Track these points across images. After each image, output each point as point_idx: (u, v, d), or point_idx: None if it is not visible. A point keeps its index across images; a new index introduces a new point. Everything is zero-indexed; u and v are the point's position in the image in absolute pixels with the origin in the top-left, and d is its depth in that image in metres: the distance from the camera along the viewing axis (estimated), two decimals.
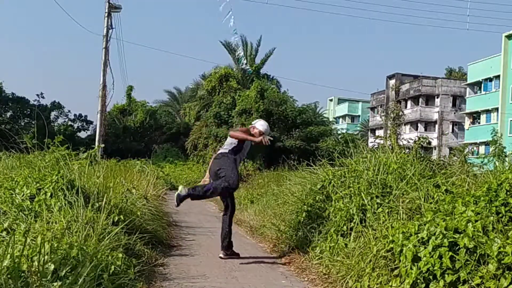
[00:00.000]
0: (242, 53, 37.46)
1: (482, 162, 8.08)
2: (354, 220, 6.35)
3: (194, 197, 6.82)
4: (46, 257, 3.88)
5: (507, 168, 5.87)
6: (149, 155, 26.96)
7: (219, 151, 7.24)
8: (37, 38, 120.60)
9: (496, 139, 17.71)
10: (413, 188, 6.43)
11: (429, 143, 9.20)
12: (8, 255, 3.77)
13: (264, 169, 24.42)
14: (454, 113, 57.06)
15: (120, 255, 5.00)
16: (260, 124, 7.34)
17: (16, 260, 3.76)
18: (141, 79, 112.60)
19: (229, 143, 7.16)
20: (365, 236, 5.87)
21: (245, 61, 37.09)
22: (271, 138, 7.08)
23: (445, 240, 4.13)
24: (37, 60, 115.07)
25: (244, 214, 11.59)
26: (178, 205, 6.71)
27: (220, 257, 6.94)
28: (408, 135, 42.68)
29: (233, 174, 6.76)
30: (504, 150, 16.44)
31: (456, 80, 59.62)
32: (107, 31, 24.25)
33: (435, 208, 5.17)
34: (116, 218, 6.15)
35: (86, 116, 50.98)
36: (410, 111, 58.15)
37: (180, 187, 6.81)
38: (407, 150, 8.56)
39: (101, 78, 23.96)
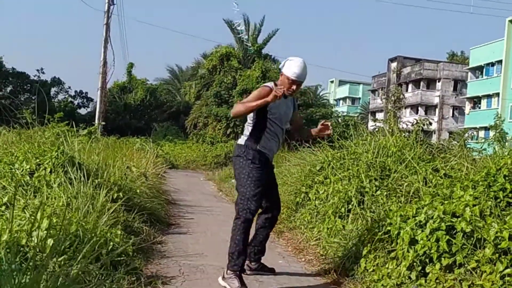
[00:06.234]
0: (243, 27, 37.18)
1: (481, 147, 8.08)
2: (352, 202, 6.38)
3: (240, 255, 4.59)
4: (45, 232, 3.89)
5: (506, 153, 5.88)
6: (149, 133, 26.96)
7: (238, 140, 4.93)
8: (38, 13, 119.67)
9: (498, 123, 17.73)
10: (412, 172, 6.45)
11: (430, 123, 9.18)
12: (7, 230, 3.80)
13: None
14: (455, 97, 56.91)
15: (119, 232, 5.03)
16: (289, 68, 4.64)
17: (15, 235, 3.79)
18: (142, 57, 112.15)
19: (248, 122, 4.83)
20: (363, 218, 5.90)
21: (246, 37, 36.83)
22: (290, 93, 4.69)
23: (443, 224, 4.15)
24: (38, 35, 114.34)
25: None
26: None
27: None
28: (408, 118, 42.61)
29: (249, 191, 4.59)
30: (506, 135, 16.45)
31: (458, 64, 59.31)
32: (108, 7, 24.08)
33: (433, 191, 5.19)
34: (116, 195, 6.18)
35: (86, 93, 50.90)
36: (411, 95, 57.96)
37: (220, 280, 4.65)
38: (407, 134, 8.56)
39: (102, 55, 23.87)
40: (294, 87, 4.67)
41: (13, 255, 3.48)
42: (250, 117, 4.73)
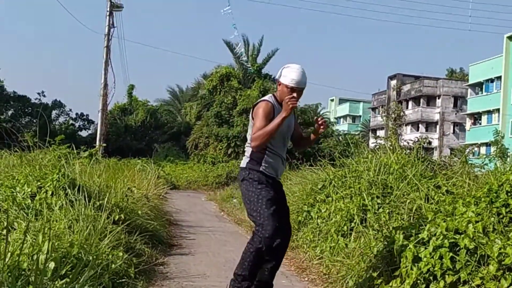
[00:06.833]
0: (243, 49, 37.41)
1: (483, 162, 8.07)
2: (354, 220, 6.36)
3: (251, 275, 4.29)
4: (46, 255, 3.87)
5: (507, 169, 5.87)
6: (150, 154, 26.94)
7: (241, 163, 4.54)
8: (38, 36, 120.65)
9: (498, 139, 17.77)
10: (414, 189, 6.44)
11: (429, 142, 9.23)
12: (9, 253, 3.78)
13: None
14: (455, 113, 57.01)
15: (121, 254, 5.02)
16: (286, 76, 4.27)
17: (16, 259, 3.77)
18: (142, 78, 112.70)
19: (248, 142, 4.47)
20: (365, 236, 5.87)
21: (245, 58, 37.05)
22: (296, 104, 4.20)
23: (446, 241, 4.13)
24: (39, 59, 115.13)
25: (245, 214, 11.60)
26: None
27: None
28: (409, 135, 42.64)
29: (261, 214, 4.17)
30: (507, 150, 16.45)
31: (457, 81, 59.56)
32: (109, 30, 24.27)
33: (435, 208, 5.17)
34: (117, 217, 6.17)
35: (87, 115, 50.99)
36: (411, 112, 58.11)
37: None
38: (408, 151, 8.57)
39: (103, 77, 24.00)
40: (295, 95, 4.21)
41: (15, 279, 3.47)
42: (250, 136, 4.34)
